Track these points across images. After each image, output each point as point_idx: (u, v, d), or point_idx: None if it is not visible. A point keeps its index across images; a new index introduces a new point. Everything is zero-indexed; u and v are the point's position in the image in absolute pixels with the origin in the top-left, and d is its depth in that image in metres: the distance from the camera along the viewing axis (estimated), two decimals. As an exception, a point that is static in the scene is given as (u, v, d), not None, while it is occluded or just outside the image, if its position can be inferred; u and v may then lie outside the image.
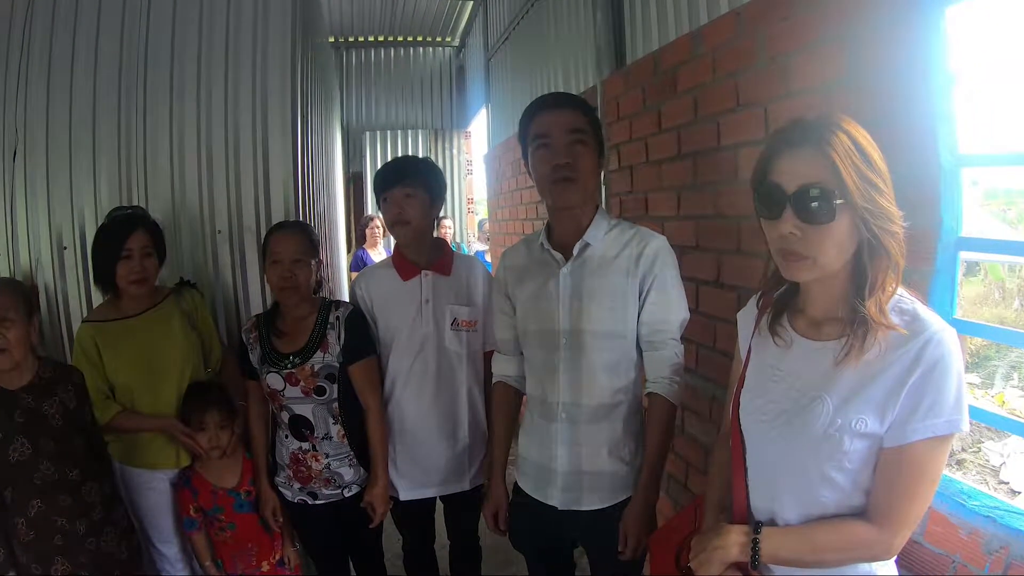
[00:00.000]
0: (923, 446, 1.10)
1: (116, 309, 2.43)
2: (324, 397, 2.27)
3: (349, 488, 2.35)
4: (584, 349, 1.83)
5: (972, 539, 1.36)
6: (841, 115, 1.14)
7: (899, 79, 1.47)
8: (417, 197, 2.27)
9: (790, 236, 1.14)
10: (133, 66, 2.83)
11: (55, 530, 2.05)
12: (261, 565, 2.51)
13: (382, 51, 8.97)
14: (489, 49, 6.56)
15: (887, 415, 1.12)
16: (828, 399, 1.17)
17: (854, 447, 1.15)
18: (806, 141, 1.12)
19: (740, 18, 2.03)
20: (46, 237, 2.84)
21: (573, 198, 1.83)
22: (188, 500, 2.43)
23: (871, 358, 1.13)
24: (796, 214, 1.12)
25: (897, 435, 1.11)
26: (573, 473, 1.89)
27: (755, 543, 1.23)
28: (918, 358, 1.09)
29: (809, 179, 1.11)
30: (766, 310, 1.34)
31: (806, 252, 1.13)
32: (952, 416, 1.08)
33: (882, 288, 1.13)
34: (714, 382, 2.28)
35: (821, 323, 1.23)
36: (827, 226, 1.11)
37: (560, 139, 1.81)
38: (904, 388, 1.10)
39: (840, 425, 1.15)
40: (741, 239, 2.08)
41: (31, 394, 2.06)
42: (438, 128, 8.88)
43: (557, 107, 1.85)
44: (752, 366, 1.35)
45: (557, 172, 1.80)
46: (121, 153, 2.85)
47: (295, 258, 2.24)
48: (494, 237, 6.16)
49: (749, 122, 2.00)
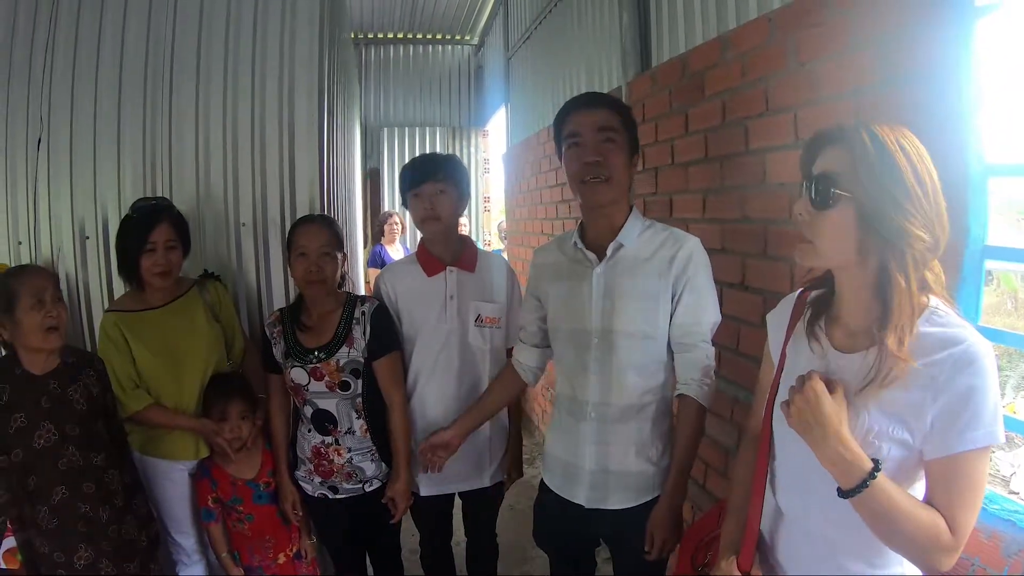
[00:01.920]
0: (967, 457, 1.10)
1: (140, 299, 2.44)
2: (348, 392, 2.28)
3: (370, 483, 2.36)
4: (615, 349, 1.84)
5: (992, 542, 1.37)
6: (894, 125, 1.15)
7: (928, 88, 1.48)
8: (447, 193, 2.28)
9: (799, 218, 1.21)
10: (160, 56, 2.85)
11: (78, 517, 2.06)
12: (278, 557, 2.52)
13: (401, 48, 9.02)
14: (509, 48, 6.57)
15: (923, 425, 1.12)
16: (865, 411, 1.17)
17: (891, 455, 1.16)
18: (839, 137, 1.17)
19: (771, 23, 2.04)
20: (68, 226, 2.85)
21: (604, 197, 1.84)
22: (207, 491, 2.45)
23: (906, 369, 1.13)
24: (808, 196, 1.19)
25: (939, 447, 1.12)
26: (600, 472, 1.90)
27: (873, 474, 1.13)
28: (954, 369, 1.09)
29: (824, 168, 1.17)
30: (800, 314, 1.36)
31: (809, 236, 1.20)
32: (991, 428, 1.09)
33: (905, 317, 1.12)
34: (736, 384, 2.28)
35: (855, 332, 1.24)
36: (825, 212, 1.16)
37: (590, 138, 1.82)
38: (940, 399, 1.10)
39: (878, 432, 1.16)
40: (767, 242, 2.09)
41: (56, 379, 2.07)
42: (456, 126, 8.95)
43: (589, 106, 1.86)
44: (787, 372, 1.36)
45: (587, 171, 1.82)
46: (146, 144, 2.86)
47: (322, 251, 2.24)
48: (511, 236, 6.18)
49: (778, 127, 2.01)
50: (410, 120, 8.95)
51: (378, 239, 6.45)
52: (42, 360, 2.06)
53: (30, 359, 2.04)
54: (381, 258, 6.23)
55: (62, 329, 2.04)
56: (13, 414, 1.98)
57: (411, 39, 8.98)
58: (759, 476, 1.37)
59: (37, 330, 1.98)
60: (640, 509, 1.87)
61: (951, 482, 1.13)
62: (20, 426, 1.99)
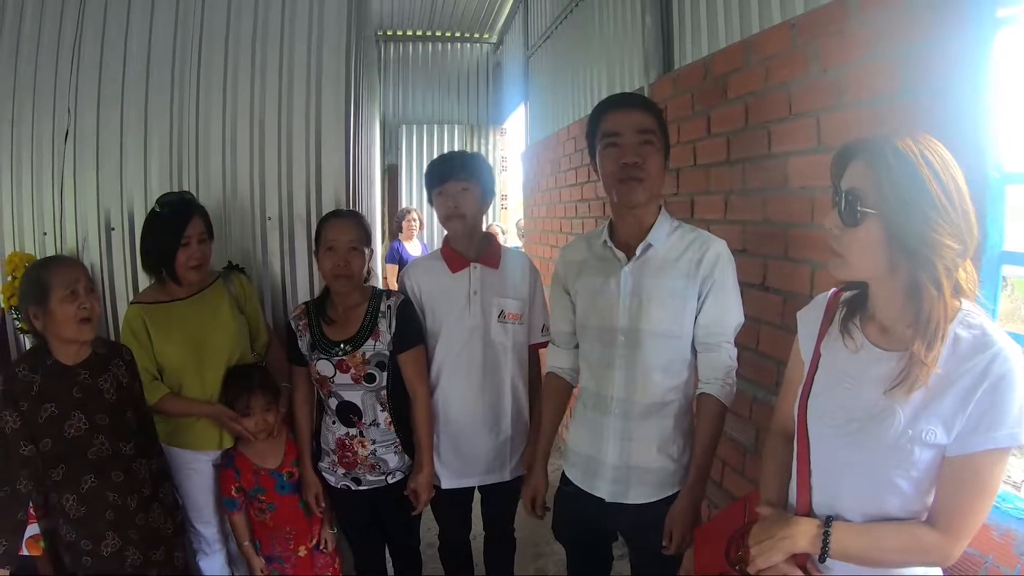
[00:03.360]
0: (985, 457, 1.14)
1: (165, 292, 2.46)
2: (374, 384, 2.31)
3: (393, 475, 2.39)
4: (641, 347, 1.87)
5: (1005, 540, 1.39)
6: (919, 136, 1.16)
7: (949, 97, 1.51)
8: (470, 191, 2.31)
9: (830, 232, 1.24)
10: (187, 49, 2.88)
11: (107, 505, 2.09)
12: (298, 549, 2.55)
13: (420, 45, 9.05)
14: (529, 47, 6.59)
15: (954, 426, 1.16)
16: (900, 411, 1.20)
17: (922, 457, 1.19)
18: (864, 151, 1.19)
19: (794, 30, 2.06)
20: (94, 218, 2.88)
21: (639, 197, 1.85)
22: (230, 480, 2.48)
23: (940, 371, 1.16)
24: (837, 213, 1.22)
25: (961, 445, 1.16)
26: (622, 467, 1.93)
27: (826, 536, 1.26)
28: (985, 372, 1.13)
29: (851, 184, 1.20)
30: (833, 312, 1.39)
31: (839, 250, 1.24)
32: (1013, 429, 1.12)
33: (935, 323, 1.15)
34: (755, 384, 2.31)
35: (889, 329, 1.27)
36: (854, 229, 1.19)
37: (629, 139, 1.83)
38: (971, 401, 1.14)
39: (911, 436, 1.19)
40: (789, 245, 2.11)
41: (88, 369, 2.09)
42: (474, 123, 8.98)
43: (628, 107, 1.88)
44: (822, 371, 1.38)
45: (624, 171, 1.83)
46: (173, 137, 2.89)
47: (351, 246, 2.27)
48: (530, 234, 6.19)
49: (801, 131, 2.04)
50: (429, 117, 8.99)
51: (396, 235, 6.50)
52: (74, 351, 2.08)
53: (62, 350, 2.06)
54: (399, 254, 6.29)
55: (95, 320, 2.05)
56: (44, 404, 2.00)
57: (430, 37, 9.01)
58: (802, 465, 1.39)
59: (71, 321, 2.00)
60: (659, 504, 1.90)
61: (964, 481, 1.17)
62: (51, 416, 2.00)
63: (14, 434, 1.96)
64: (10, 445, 1.96)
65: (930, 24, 1.55)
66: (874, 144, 1.18)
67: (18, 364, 2.04)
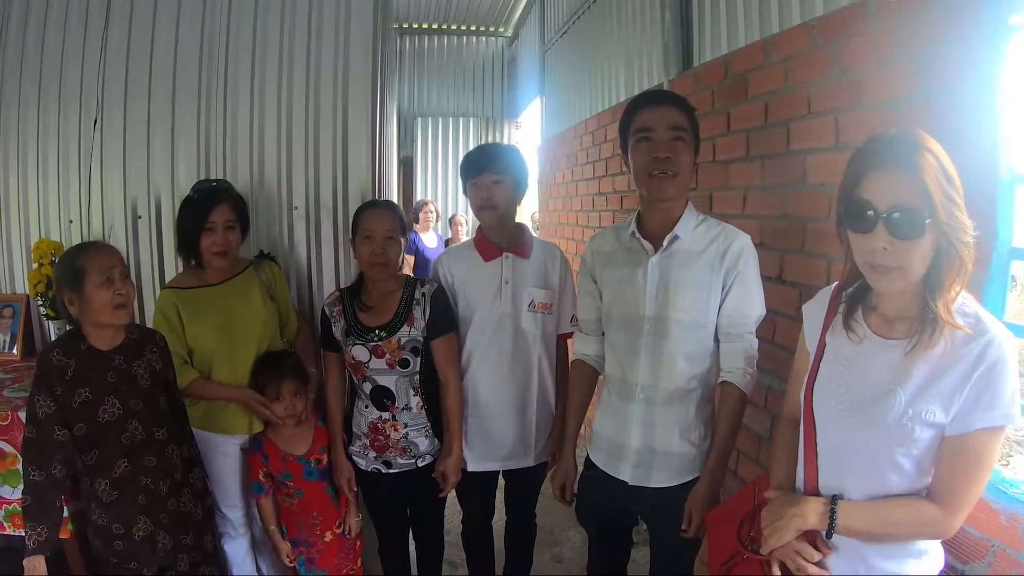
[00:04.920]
0: (982, 435, 1.23)
1: (197, 277, 2.50)
2: (407, 369, 2.36)
3: (423, 458, 2.45)
4: (666, 336, 1.91)
5: (1012, 524, 1.44)
6: (921, 132, 1.22)
7: (964, 98, 1.56)
8: (503, 183, 2.37)
9: (881, 251, 1.23)
10: (215, 39, 2.93)
11: (139, 489, 2.11)
12: (324, 535, 2.59)
13: (436, 39, 9.10)
14: (545, 42, 6.61)
15: (952, 407, 1.24)
16: (901, 392, 1.28)
17: (922, 435, 1.27)
18: (896, 161, 1.20)
19: (815, 30, 2.10)
20: (120, 206, 2.94)
21: (669, 192, 1.90)
22: (258, 465, 2.52)
23: (939, 355, 1.25)
24: (888, 230, 1.21)
25: (959, 424, 1.24)
26: (645, 451, 1.98)
27: (832, 513, 1.34)
28: (981, 356, 1.21)
29: (900, 199, 1.19)
30: (837, 305, 1.45)
31: (896, 264, 1.23)
32: (1008, 409, 1.21)
33: (950, 290, 1.23)
34: (771, 373, 2.35)
35: (893, 320, 1.34)
36: (916, 241, 1.20)
37: (662, 134, 1.87)
38: (968, 383, 1.22)
39: (911, 416, 1.26)
40: (806, 239, 2.16)
41: (122, 354, 2.10)
42: (488, 117, 9.02)
43: (662, 103, 1.93)
44: (827, 358, 1.45)
45: (656, 165, 1.87)
46: (200, 126, 2.94)
47: (387, 235, 2.31)
48: (544, 228, 6.21)
49: (820, 129, 2.08)
50: (443, 110, 9.04)
51: (411, 227, 6.57)
52: (108, 336, 2.09)
53: (96, 335, 2.07)
54: (415, 245, 6.36)
55: (130, 306, 2.06)
56: (78, 389, 2.01)
57: (446, 30, 9.08)
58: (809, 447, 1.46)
59: (106, 307, 2.00)
60: (680, 489, 1.95)
61: (960, 458, 1.25)
62: (84, 400, 2.02)
63: (48, 419, 1.98)
64: (45, 430, 1.98)
65: (945, 29, 1.60)
66: (907, 150, 1.20)
67: (52, 349, 2.05)
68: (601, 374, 2.21)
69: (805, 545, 1.40)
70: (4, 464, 2.48)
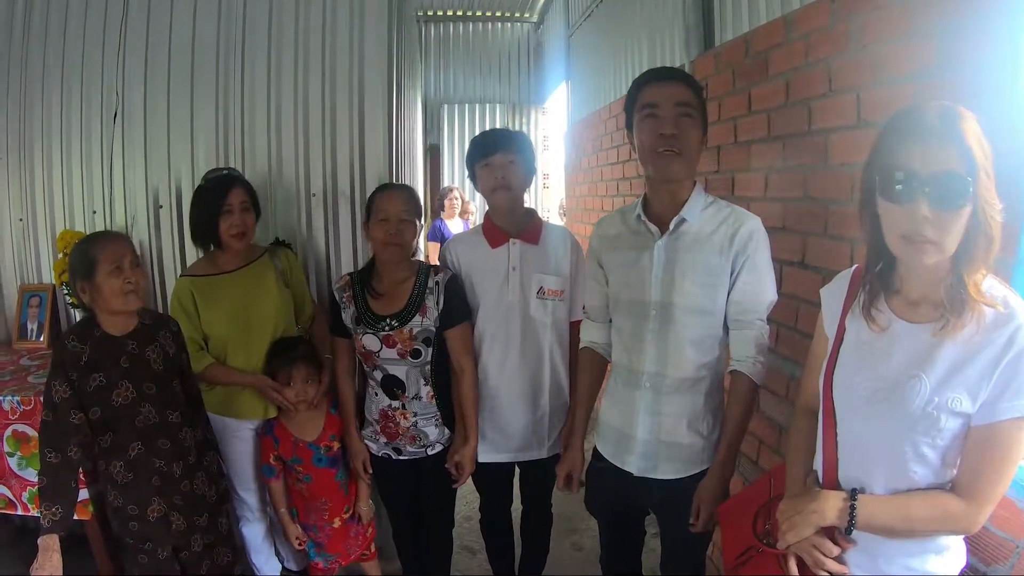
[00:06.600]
0: (1010, 425, 1.17)
1: (213, 264, 2.54)
2: (419, 360, 2.35)
3: (432, 447, 2.44)
4: (673, 322, 1.86)
5: None
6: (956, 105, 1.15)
7: (986, 74, 1.49)
8: (516, 164, 2.32)
9: (922, 220, 1.14)
10: (232, 29, 2.95)
11: (153, 471, 2.16)
12: (332, 521, 2.62)
13: (461, 25, 9.09)
14: (570, 26, 6.55)
15: (980, 395, 1.18)
16: (926, 378, 1.22)
17: (948, 425, 1.21)
18: (939, 127, 1.13)
19: (834, 5, 2.04)
20: (142, 196, 3.00)
21: (676, 171, 1.84)
22: (269, 448, 2.55)
23: (966, 339, 1.18)
24: (929, 200, 1.13)
25: (987, 414, 1.18)
26: (652, 441, 1.93)
27: (852, 508, 1.28)
28: (1011, 341, 1.15)
29: (944, 165, 1.12)
30: (857, 289, 1.38)
31: (935, 237, 1.14)
32: None
33: (979, 269, 1.17)
34: (793, 361, 2.30)
35: (917, 303, 1.27)
36: (957, 212, 1.13)
37: (668, 111, 1.82)
38: (997, 369, 1.16)
39: (937, 403, 1.20)
40: (828, 222, 2.10)
41: (135, 340, 2.15)
42: (515, 103, 9.01)
43: (668, 79, 1.87)
44: (847, 344, 1.39)
45: (662, 142, 1.81)
46: (219, 116, 2.98)
47: (402, 217, 2.29)
48: (571, 213, 6.19)
49: (841, 107, 2.02)
50: (470, 97, 9.05)
51: (438, 214, 6.58)
52: (121, 322, 2.13)
53: (109, 321, 2.12)
54: (441, 232, 6.35)
55: (140, 292, 2.10)
56: (92, 374, 2.06)
57: (471, 16, 9.05)
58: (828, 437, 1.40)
59: (117, 294, 2.04)
60: (688, 481, 1.91)
61: (987, 449, 1.19)
62: (99, 385, 2.07)
63: (64, 403, 2.04)
64: (61, 413, 2.04)
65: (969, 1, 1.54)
66: (949, 118, 1.13)
67: (67, 335, 2.12)
68: (609, 362, 2.16)
69: (823, 540, 1.34)
70: (29, 448, 2.54)
